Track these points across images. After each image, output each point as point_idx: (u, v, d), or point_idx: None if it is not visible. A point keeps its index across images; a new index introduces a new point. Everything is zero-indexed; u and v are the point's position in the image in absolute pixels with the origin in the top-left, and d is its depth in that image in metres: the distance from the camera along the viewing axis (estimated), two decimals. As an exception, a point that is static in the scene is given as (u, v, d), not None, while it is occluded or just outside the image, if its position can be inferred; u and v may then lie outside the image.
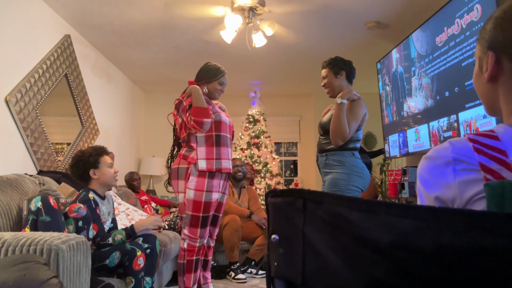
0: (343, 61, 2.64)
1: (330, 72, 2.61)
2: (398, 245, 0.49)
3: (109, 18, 3.75)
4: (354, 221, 0.52)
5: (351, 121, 2.45)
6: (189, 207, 2.45)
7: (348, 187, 2.38)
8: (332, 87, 2.60)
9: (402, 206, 0.51)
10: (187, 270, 2.47)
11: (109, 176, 2.29)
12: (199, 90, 2.49)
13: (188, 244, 2.47)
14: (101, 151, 2.33)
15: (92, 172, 2.25)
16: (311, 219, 0.57)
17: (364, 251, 0.51)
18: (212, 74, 2.63)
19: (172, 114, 2.66)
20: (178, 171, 2.49)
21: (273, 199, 0.63)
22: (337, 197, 0.54)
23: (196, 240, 2.47)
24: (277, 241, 0.61)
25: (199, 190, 2.42)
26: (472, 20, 2.91)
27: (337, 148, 2.48)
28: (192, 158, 2.46)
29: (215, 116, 2.51)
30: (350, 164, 2.42)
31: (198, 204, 2.43)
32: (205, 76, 2.64)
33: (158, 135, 6.42)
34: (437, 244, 0.48)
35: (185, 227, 2.49)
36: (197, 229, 2.46)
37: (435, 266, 0.48)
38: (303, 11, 3.64)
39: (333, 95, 2.60)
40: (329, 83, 2.61)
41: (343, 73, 2.62)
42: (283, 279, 0.62)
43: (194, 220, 2.45)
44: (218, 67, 2.67)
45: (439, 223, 0.49)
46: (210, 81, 2.63)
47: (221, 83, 2.65)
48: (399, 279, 0.50)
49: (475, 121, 2.93)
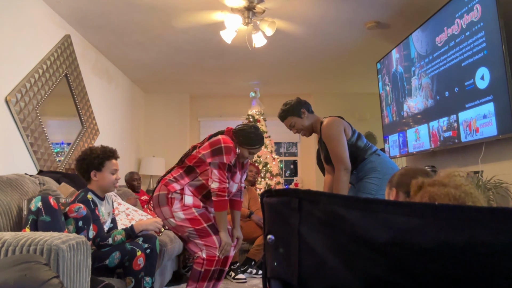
0: (296, 102, 2.55)
1: (294, 118, 2.54)
2: (397, 243, 0.49)
3: (109, 18, 3.75)
4: (351, 220, 0.52)
5: (337, 149, 2.34)
6: (188, 225, 2.34)
7: (380, 191, 2.27)
8: (305, 128, 2.54)
9: (401, 204, 0.51)
10: (202, 278, 2.35)
11: (108, 182, 2.24)
12: (223, 220, 2.38)
13: (207, 254, 2.33)
14: (109, 154, 2.27)
15: (93, 174, 2.22)
16: (307, 219, 0.57)
17: (362, 250, 0.51)
18: (247, 142, 2.45)
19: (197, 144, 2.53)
20: (159, 198, 2.39)
21: (269, 199, 0.63)
22: (333, 196, 0.54)
23: (216, 248, 2.33)
24: (273, 241, 0.61)
25: (187, 209, 2.34)
26: (472, 20, 2.91)
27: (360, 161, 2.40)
28: (173, 187, 2.37)
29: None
30: (381, 167, 2.33)
31: (195, 219, 2.33)
32: (243, 140, 2.46)
33: (158, 135, 6.42)
34: (437, 241, 0.48)
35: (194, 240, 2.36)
36: (211, 237, 2.33)
37: (434, 264, 0.48)
38: (303, 11, 3.64)
39: (310, 134, 2.59)
40: (300, 126, 2.54)
41: (304, 111, 2.54)
42: (279, 279, 0.62)
43: (202, 232, 2.33)
44: (258, 139, 2.47)
45: (438, 220, 0.49)
46: (244, 146, 2.46)
47: (252, 153, 2.49)
48: (398, 277, 0.50)
49: (475, 121, 2.93)
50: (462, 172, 1.09)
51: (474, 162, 3.08)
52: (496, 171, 2.86)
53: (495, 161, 2.94)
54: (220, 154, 2.35)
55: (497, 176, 2.82)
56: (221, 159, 2.33)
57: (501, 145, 2.87)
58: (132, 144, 5.90)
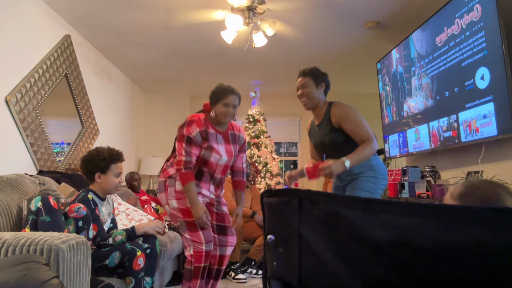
0: (324, 73, 2.42)
1: (311, 82, 2.36)
2: (398, 243, 0.49)
3: (109, 18, 3.75)
4: (352, 219, 0.52)
5: (361, 123, 2.24)
6: (178, 215, 2.34)
7: (377, 190, 2.27)
8: (313, 98, 2.36)
9: (401, 204, 0.51)
10: (194, 276, 2.33)
11: (112, 185, 2.26)
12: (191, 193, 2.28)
13: (194, 250, 2.32)
14: (115, 158, 2.28)
15: (97, 175, 2.23)
16: (307, 219, 0.57)
17: (362, 250, 0.51)
18: (216, 97, 2.39)
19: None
20: (159, 184, 2.44)
21: (269, 199, 0.63)
22: (334, 196, 0.54)
23: (201, 243, 2.31)
24: (273, 242, 0.61)
25: (181, 198, 2.32)
26: (472, 20, 2.91)
27: None
28: (168, 172, 2.38)
29: (204, 153, 2.34)
30: (377, 167, 2.28)
31: (187, 210, 2.31)
32: (212, 100, 2.42)
33: (158, 135, 6.41)
34: (437, 241, 0.48)
35: (184, 232, 2.36)
36: (197, 232, 2.31)
37: (435, 263, 0.48)
38: (303, 11, 3.64)
39: (311, 107, 2.40)
40: (309, 93, 2.35)
41: (324, 85, 2.39)
42: (279, 279, 0.61)
43: (189, 225, 2.32)
44: (224, 88, 2.42)
45: (439, 220, 0.49)
46: (215, 104, 2.39)
47: (226, 105, 2.36)
48: (399, 277, 0.50)
49: (475, 121, 2.93)
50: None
51: (474, 162, 3.08)
52: (496, 171, 2.86)
53: (495, 161, 2.94)
54: (182, 127, 2.35)
55: (497, 176, 2.82)
56: (181, 131, 2.34)
57: (501, 145, 2.87)
58: (132, 144, 5.90)
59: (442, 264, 0.47)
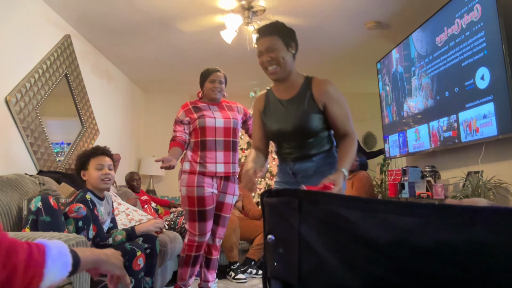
0: (292, 30, 1.87)
1: (281, 43, 1.79)
2: (398, 243, 0.49)
3: (109, 18, 3.75)
4: (352, 220, 0.52)
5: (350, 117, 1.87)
6: (185, 202, 2.57)
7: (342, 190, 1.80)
8: (285, 64, 1.80)
9: (401, 204, 0.51)
10: (184, 263, 2.59)
11: (94, 178, 2.22)
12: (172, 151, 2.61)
13: (187, 239, 2.57)
14: (94, 152, 2.29)
15: (83, 173, 2.27)
16: (307, 219, 0.57)
17: (362, 250, 0.51)
18: (202, 78, 2.71)
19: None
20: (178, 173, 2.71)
21: (269, 199, 0.63)
22: (334, 196, 0.54)
23: (195, 235, 2.54)
24: (273, 241, 0.61)
25: (190, 186, 2.55)
26: (472, 20, 2.91)
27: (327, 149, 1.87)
28: (182, 159, 2.67)
29: (198, 122, 2.59)
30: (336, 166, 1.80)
31: (192, 199, 2.53)
32: (200, 82, 2.73)
33: (158, 135, 6.40)
34: (437, 241, 0.48)
35: (186, 222, 2.61)
36: (194, 223, 2.54)
37: (435, 264, 0.48)
38: (303, 10, 3.64)
39: (282, 76, 1.83)
40: (280, 57, 1.79)
41: (294, 46, 1.84)
42: (279, 279, 0.61)
43: (190, 215, 2.55)
44: (208, 68, 2.71)
45: (439, 220, 0.49)
46: (203, 84, 2.70)
47: (212, 81, 2.65)
48: (399, 277, 0.50)
49: (475, 121, 2.93)
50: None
51: (474, 162, 3.08)
52: (496, 171, 2.86)
53: (495, 161, 2.94)
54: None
55: (497, 176, 2.82)
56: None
57: (501, 145, 2.86)
58: (132, 144, 5.90)
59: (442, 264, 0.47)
